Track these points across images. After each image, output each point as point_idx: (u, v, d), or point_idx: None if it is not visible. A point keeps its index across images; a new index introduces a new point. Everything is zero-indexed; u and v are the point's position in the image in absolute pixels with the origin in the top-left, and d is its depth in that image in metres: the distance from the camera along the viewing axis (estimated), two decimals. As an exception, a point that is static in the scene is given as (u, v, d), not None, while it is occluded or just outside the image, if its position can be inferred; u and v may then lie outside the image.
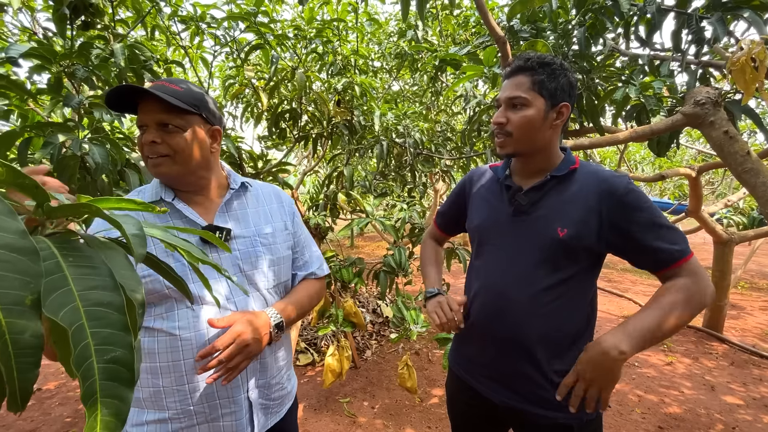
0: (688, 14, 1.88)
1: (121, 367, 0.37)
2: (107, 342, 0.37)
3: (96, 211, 0.41)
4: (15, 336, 0.30)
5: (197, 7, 1.92)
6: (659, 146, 1.91)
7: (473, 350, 1.08)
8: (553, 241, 0.92)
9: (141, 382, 0.82)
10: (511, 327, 0.97)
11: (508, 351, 0.98)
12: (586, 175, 0.96)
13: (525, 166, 1.01)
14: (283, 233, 0.99)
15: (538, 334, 0.94)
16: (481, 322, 1.04)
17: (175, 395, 0.82)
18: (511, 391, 0.99)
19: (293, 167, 3.89)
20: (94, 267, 0.40)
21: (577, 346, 0.94)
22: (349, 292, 2.90)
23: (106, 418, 0.35)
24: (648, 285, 5.71)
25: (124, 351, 0.37)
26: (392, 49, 3.21)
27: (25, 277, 0.32)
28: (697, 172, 3.09)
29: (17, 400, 0.30)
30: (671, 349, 3.51)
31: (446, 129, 3.63)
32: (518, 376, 0.97)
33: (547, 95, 0.92)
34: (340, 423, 2.46)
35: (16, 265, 0.32)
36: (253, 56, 2.58)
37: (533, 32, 2.21)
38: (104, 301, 0.39)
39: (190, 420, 0.83)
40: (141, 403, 0.84)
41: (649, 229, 0.88)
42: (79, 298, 0.38)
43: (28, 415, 2.54)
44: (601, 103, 2.11)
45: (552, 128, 0.95)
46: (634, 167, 6.27)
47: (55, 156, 1.23)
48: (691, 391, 2.81)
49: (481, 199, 1.09)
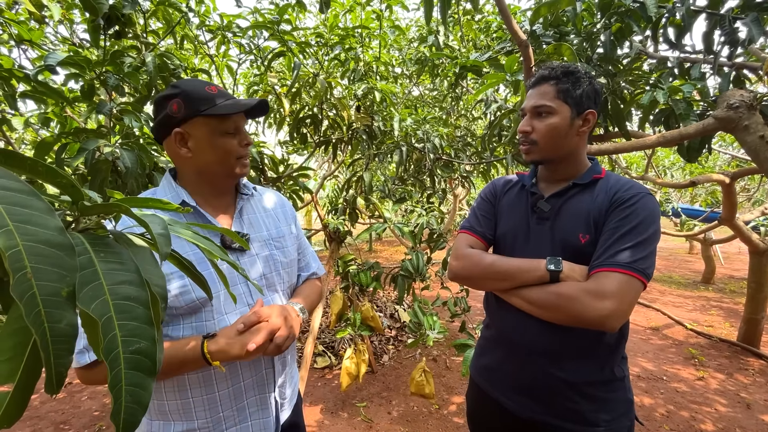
0: (720, 15, 1.81)
1: (144, 358, 0.39)
2: (133, 334, 0.39)
3: (125, 210, 0.43)
4: (52, 325, 0.32)
5: (224, 17, 1.99)
6: (689, 152, 1.83)
7: (496, 360, 1.06)
8: (576, 248, 0.91)
9: (167, 396, 0.82)
10: (534, 336, 0.95)
11: (533, 361, 0.96)
12: (609, 183, 0.95)
13: (551, 173, 1.02)
14: (290, 236, 1.03)
15: (562, 343, 0.92)
16: (505, 332, 1.03)
17: (205, 404, 0.83)
18: (537, 403, 0.96)
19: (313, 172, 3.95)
20: (123, 263, 0.42)
21: (612, 355, 0.92)
22: (367, 296, 2.91)
23: (129, 405, 0.37)
24: (677, 296, 5.47)
25: (147, 343, 0.39)
26: (413, 55, 3.23)
27: (62, 271, 0.34)
28: (731, 179, 2.95)
29: (53, 383, 0.32)
30: (703, 364, 3.34)
31: (466, 134, 3.61)
32: (544, 388, 0.94)
33: (573, 103, 0.92)
34: (356, 427, 2.45)
35: (54, 259, 0.34)
36: (276, 63, 2.65)
37: (556, 36, 2.18)
38: (131, 295, 0.41)
39: (219, 426, 0.85)
40: (168, 415, 0.83)
41: (615, 229, 0.86)
42: (109, 292, 0.40)
43: (59, 407, 2.66)
44: (627, 108, 2.06)
45: (578, 135, 0.96)
46: (663, 173, 6.04)
47: (89, 160, 1.30)
48: (725, 408, 2.66)
49: (508, 206, 1.08)
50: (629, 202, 0.88)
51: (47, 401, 2.72)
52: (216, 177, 0.89)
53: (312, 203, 2.63)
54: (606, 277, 0.82)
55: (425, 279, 2.36)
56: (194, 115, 0.81)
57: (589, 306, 0.80)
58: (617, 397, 0.93)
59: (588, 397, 0.91)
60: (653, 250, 0.85)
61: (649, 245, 0.84)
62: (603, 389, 0.92)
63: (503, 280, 0.95)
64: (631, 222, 0.85)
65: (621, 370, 0.95)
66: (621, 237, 0.84)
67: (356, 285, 2.49)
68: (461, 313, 2.35)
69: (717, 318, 4.51)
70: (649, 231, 0.85)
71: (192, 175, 0.87)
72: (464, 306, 2.37)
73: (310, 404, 2.72)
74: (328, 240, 2.60)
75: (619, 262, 0.82)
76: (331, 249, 2.59)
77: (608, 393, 0.92)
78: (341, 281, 2.51)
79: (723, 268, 7.32)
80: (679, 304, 5.08)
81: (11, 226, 0.33)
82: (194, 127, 0.83)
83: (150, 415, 0.84)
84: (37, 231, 0.35)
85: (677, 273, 6.94)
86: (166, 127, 0.83)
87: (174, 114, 0.81)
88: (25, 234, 0.33)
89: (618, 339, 0.93)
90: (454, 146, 3.24)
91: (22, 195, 0.36)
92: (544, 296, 0.87)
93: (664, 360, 3.43)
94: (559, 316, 0.86)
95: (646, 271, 0.82)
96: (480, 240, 1.09)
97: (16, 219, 0.34)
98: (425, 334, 2.31)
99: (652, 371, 3.21)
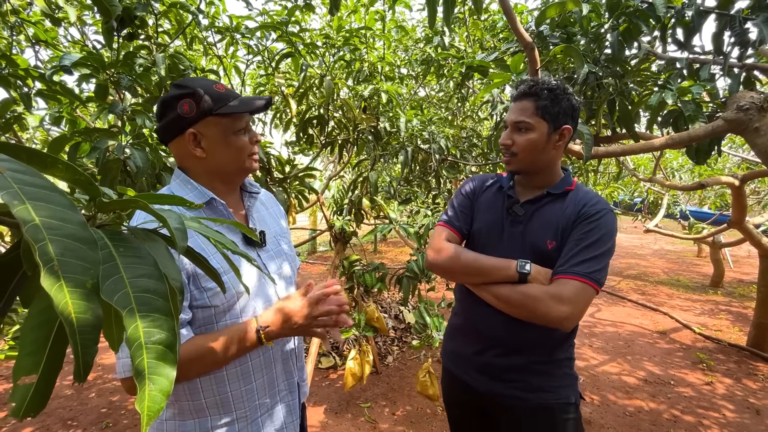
0: (730, 15, 1.80)
1: (165, 348, 0.40)
2: (154, 325, 0.40)
3: (144, 206, 0.44)
4: (79, 315, 0.33)
5: (233, 19, 2.01)
6: (698, 154, 1.82)
7: (460, 345, 1.18)
8: (543, 252, 1.01)
9: (205, 393, 0.83)
10: (497, 329, 1.07)
11: (492, 348, 1.08)
12: (578, 196, 1.05)
13: (528, 181, 1.11)
14: (288, 233, 1.08)
15: (520, 337, 1.04)
16: (472, 321, 1.14)
17: (244, 396, 0.86)
18: (494, 380, 1.08)
19: (319, 172, 3.97)
20: (141, 257, 0.43)
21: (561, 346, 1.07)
22: (372, 296, 2.91)
23: (153, 393, 0.37)
24: (686, 299, 5.42)
25: (168, 334, 0.40)
26: (418, 56, 3.23)
27: (86, 264, 0.35)
28: (740, 181, 2.93)
29: (80, 372, 0.33)
30: (711, 368, 3.30)
31: (472, 135, 3.61)
32: (500, 368, 1.07)
33: (550, 119, 1.00)
34: (360, 428, 2.46)
35: (79, 252, 0.35)
36: (283, 65, 2.66)
37: (564, 37, 2.18)
38: (151, 288, 0.41)
39: (254, 413, 0.88)
40: (205, 411, 0.84)
41: (579, 241, 0.97)
42: (129, 285, 0.41)
43: (67, 404, 2.68)
44: (635, 109, 2.05)
45: (555, 149, 1.04)
46: (671, 175, 5.98)
47: (100, 159, 1.32)
48: (733, 414, 2.63)
49: (485, 205, 1.17)
50: (594, 218, 0.98)
51: (55, 398, 2.75)
52: (230, 175, 0.90)
53: (318, 204, 2.64)
54: (566, 283, 0.93)
55: (430, 280, 2.36)
56: (207, 114, 0.81)
57: (551, 308, 0.92)
58: (563, 372, 1.07)
59: (536, 372, 1.05)
60: (608, 263, 0.98)
61: (605, 258, 0.96)
62: (549, 366, 1.06)
63: (477, 275, 1.06)
64: (593, 236, 0.96)
65: (566, 352, 1.08)
66: (583, 249, 0.95)
67: (361, 286, 2.50)
68: (466, 314, 2.34)
69: (725, 322, 4.46)
70: (607, 245, 0.97)
71: (204, 174, 0.88)
72: (469, 307, 2.37)
73: (314, 404, 2.72)
74: (333, 240, 2.61)
75: (578, 271, 0.93)
76: (336, 249, 2.60)
77: (554, 369, 1.07)
78: (346, 282, 2.52)
79: (732, 271, 7.23)
80: (687, 307, 5.03)
81: (38, 221, 0.34)
82: (207, 127, 0.83)
83: (183, 416, 0.84)
84: (62, 225, 0.36)
85: (685, 276, 6.87)
86: (177, 127, 0.82)
87: (186, 114, 0.81)
88: (50, 228, 0.34)
89: (568, 334, 1.06)
90: (459, 147, 3.24)
91: (47, 191, 0.37)
92: (513, 294, 0.98)
93: (670, 364, 3.40)
94: (523, 313, 0.97)
95: (600, 280, 0.95)
96: (456, 234, 1.18)
97: (42, 214, 0.35)
98: (431, 336, 2.31)
99: (659, 375, 3.18)
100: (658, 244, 10.61)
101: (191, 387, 0.82)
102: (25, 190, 0.36)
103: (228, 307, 0.82)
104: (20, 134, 2.23)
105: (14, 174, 0.36)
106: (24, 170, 0.38)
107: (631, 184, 6.43)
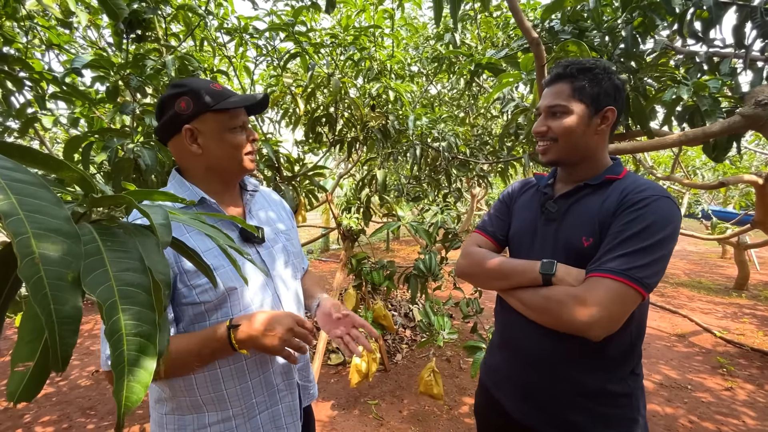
0: (751, 7, 1.73)
1: (146, 340, 0.41)
2: (135, 318, 0.41)
3: (129, 201, 0.45)
4: (58, 307, 0.34)
5: (241, 20, 2.05)
6: (716, 151, 1.76)
7: (500, 363, 1.07)
8: (579, 251, 0.89)
9: (200, 391, 0.84)
10: (535, 343, 0.94)
11: (533, 368, 0.95)
12: (623, 184, 0.89)
13: (569, 174, 0.98)
14: (293, 231, 1.09)
15: (563, 352, 0.90)
16: (507, 336, 1.04)
17: (239, 394, 0.87)
18: (536, 411, 0.95)
19: (330, 171, 3.99)
20: (128, 251, 0.45)
21: (618, 368, 0.88)
22: (380, 294, 2.92)
23: (132, 384, 0.39)
24: (707, 302, 5.23)
25: (149, 327, 0.41)
26: (429, 54, 3.22)
27: (68, 257, 0.37)
28: (764, 180, 2.81)
29: (59, 361, 0.34)
30: (731, 373, 3.18)
31: (483, 133, 3.57)
32: (544, 396, 0.94)
33: (589, 101, 0.89)
34: (367, 425, 2.47)
35: (61, 246, 0.36)
36: (292, 64, 2.69)
37: (575, 32, 2.13)
38: (134, 282, 0.43)
39: (252, 411, 0.89)
40: (202, 408, 0.85)
41: (618, 233, 0.82)
42: (114, 278, 0.42)
43: (87, 394, 2.79)
44: (649, 105, 1.99)
45: (597, 134, 0.92)
46: (692, 173, 5.78)
47: (112, 158, 1.36)
48: (754, 421, 2.53)
49: (522, 206, 1.08)
50: (639, 205, 0.82)
51: (75, 388, 2.86)
52: (226, 172, 0.91)
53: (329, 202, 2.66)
54: (597, 283, 0.79)
55: (438, 279, 2.35)
56: (204, 111, 0.83)
57: (574, 311, 0.78)
58: (621, 414, 0.89)
59: (588, 411, 0.88)
60: (659, 257, 0.79)
61: (653, 252, 0.78)
62: (605, 403, 0.89)
63: (501, 279, 0.96)
64: (637, 226, 0.80)
65: (628, 385, 0.90)
66: (622, 242, 0.80)
67: (369, 284, 2.51)
68: (473, 315, 2.32)
69: (749, 326, 4.29)
70: (656, 236, 0.79)
71: (202, 171, 0.89)
72: (476, 308, 2.35)
73: (322, 400, 2.75)
74: (341, 238, 2.62)
75: (612, 268, 0.78)
76: (344, 247, 2.62)
77: (611, 408, 0.89)
78: (354, 279, 2.53)
79: (758, 273, 6.94)
80: (708, 310, 4.86)
81: (22, 215, 0.35)
82: (204, 123, 0.84)
83: (182, 411, 0.86)
84: (46, 220, 0.37)
85: (707, 278, 6.64)
86: (175, 125, 0.84)
87: (183, 111, 0.83)
88: (34, 222, 0.36)
89: (625, 351, 0.89)
90: (470, 145, 3.21)
91: (33, 187, 0.38)
92: (535, 299, 0.87)
93: (689, 368, 3.29)
94: (546, 319, 0.85)
95: (645, 280, 0.77)
96: (490, 239, 1.09)
97: (27, 209, 0.36)
98: (436, 334, 2.30)
99: (676, 379, 3.09)
100: (680, 244, 10.27)
101: (187, 384, 0.84)
102: (12, 186, 0.37)
103: (218, 304, 0.83)
104: (42, 134, 2.32)
105: (2, 170, 0.38)
106: (12, 167, 0.39)
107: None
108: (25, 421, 2.45)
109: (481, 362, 1.20)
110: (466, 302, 2.33)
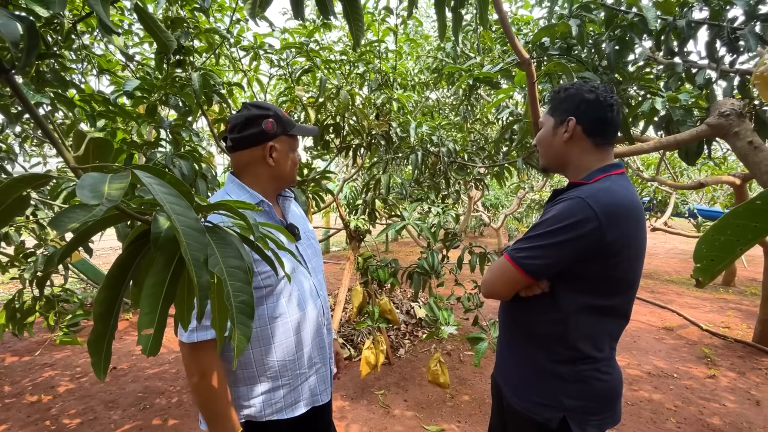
0: (720, 26, 1.92)
1: (246, 306, 0.58)
2: (238, 290, 0.58)
3: (230, 209, 0.62)
4: (199, 279, 0.52)
5: (257, 37, 2.22)
6: (688, 155, 1.95)
7: (498, 351, 1.23)
8: None
9: (257, 363, 1.00)
10: (502, 327, 1.15)
11: (514, 352, 1.11)
12: (580, 188, 0.96)
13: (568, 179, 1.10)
14: (313, 231, 1.28)
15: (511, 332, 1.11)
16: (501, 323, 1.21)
17: (288, 365, 1.05)
18: (511, 390, 1.09)
19: (335, 175, 4.17)
20: (228, 244, 0.62)
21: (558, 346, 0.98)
22: (385, 291, 3.09)
23: (239, 336, 0.56)
24: (695, 297, 5.44)
25: (247, 296, 0.59)
26: (430, 64, 3.40)
27: (201, 245, 0.54)
28: (741, 180, 3.01)
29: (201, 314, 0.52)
30: (715, 363, 3.38)
31: (480, 138, 3.76)
32: (518, 376, 1.08)
33: (556, 114, 1.07)
34: (375, 413, 2.64)
35: (197, 237, 0.54)
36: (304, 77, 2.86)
37: (563, 47, 2.32)
38: (235, 265, 0.60)
39: (296, 380, 1.07)
40: (256, 379, 1.01)
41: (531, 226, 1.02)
42: (222, 262, 0.59)
43: (107, 389, 2.94)
44: (630, 114, 2.18)
45: (565, 142, 1.03)
46: (680, 174, 6.01)
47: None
48: (733, 404, 2.72)
49: None
50: (554, 203, 0.98)
51: (96, 383, 3.01)
52: (284, 182, 1.12)
53: (333, 204, 2.83)
54: (497, 259, 1.03)
55: (440, 276, 2.52)
56: (283, 133, 1.05)
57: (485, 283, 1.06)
58: (547, 386, 0.98)
59: (523, 376, 1.05)
60: (543, 245, 0.91)
61: (538, 239, 0.92)
62: (531, 369, 1.02)
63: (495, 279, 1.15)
64: (540, 219, 0.97)
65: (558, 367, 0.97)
66: (528, 230, 0.99)
67: (375, 281, 2.68)
68: (474, 309, 2.50)
69: (734, 319, 4.49)
70: (547, 228, 0.91)
71: (267, 179, 1.08)
72: (477, 302, 2.53)
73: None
74: (349, 238, 2.79)
75: (507, 249, 1.01)
76: (352, 246, 2.79)
77: (539, 381, 1.00)
78: (361, 277, 2.70)
79: (746, 270, 7.18)
80: (696, 305, 5.06)
81: (173, 217, 0.53)
82: (280, 143, 1.06)
83: (237, 384, 1.01)
84: (185, 220, 0.54)
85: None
86: (259, 140, 1.03)
87: (269, 131, 1.03)
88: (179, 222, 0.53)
89: (553, 334, 0.98)
90: (468, 150, 3.39)
91: (173, 197, 0.56)
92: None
93: (676, 359, 3.49)
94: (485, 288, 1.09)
95: (522, 260, 0.94)
96: None
97: (174, 211, 0.53)
98: (440, 328, 2.47)
99: (663, 369, 3.28)
100: (671, 243, 10.51)
101: (246, 360, 1.01)
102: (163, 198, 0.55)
103: (272, 290, 1.01)
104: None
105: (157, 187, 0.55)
106: (160, 183, 0.57)
107: (639, 184, 6.47)
108: (52, 414, 2.60)
109: None
110: (468, 297, 2.51)
